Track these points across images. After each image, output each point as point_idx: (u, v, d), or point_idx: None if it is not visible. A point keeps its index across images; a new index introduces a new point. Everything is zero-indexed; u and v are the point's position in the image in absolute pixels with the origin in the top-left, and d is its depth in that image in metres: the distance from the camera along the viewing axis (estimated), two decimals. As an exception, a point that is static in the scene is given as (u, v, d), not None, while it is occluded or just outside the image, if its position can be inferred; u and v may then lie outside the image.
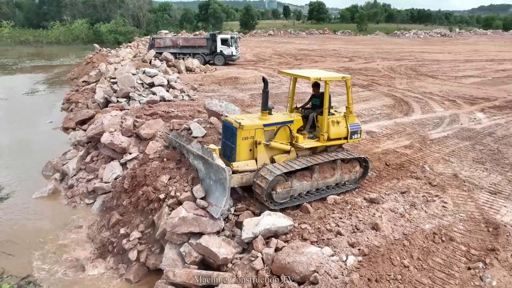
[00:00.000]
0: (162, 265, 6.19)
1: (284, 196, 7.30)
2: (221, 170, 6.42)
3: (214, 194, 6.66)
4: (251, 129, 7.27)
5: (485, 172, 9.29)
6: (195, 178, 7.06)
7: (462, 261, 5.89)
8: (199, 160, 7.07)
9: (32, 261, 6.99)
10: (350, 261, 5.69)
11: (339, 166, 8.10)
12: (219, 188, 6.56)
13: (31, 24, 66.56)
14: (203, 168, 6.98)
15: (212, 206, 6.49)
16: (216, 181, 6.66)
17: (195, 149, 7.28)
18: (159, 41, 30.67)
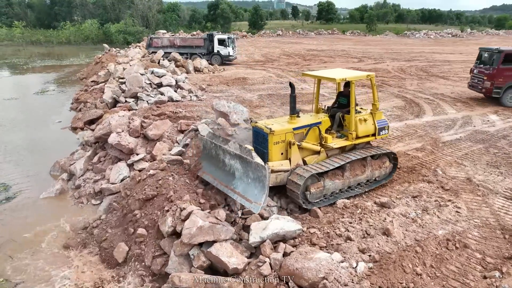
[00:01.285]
0: (168, 269, 6.09)
1: (318, 195, 7.58)
2: (260, 168, 6.57)
3: (252, 192, 6.77)
4: (281, 134, 7.54)
5: (500, 176, 9.02)
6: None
7: (477, 269, 5.68)
8: (237, 160, 7.17)
9: (31, 264, 6.93)
10: (360, 267, 5.52)
11: (369, 163, 8.29)
12: (258, 185, 6.70)
13: (42, 24, 67.37)
14: (241, 167, 7.10)
15: (252, 203, 6.62)
16: (254, 179, 6.79)
17: (232, 148, 7.35)
18: (157, 40, 30.76)
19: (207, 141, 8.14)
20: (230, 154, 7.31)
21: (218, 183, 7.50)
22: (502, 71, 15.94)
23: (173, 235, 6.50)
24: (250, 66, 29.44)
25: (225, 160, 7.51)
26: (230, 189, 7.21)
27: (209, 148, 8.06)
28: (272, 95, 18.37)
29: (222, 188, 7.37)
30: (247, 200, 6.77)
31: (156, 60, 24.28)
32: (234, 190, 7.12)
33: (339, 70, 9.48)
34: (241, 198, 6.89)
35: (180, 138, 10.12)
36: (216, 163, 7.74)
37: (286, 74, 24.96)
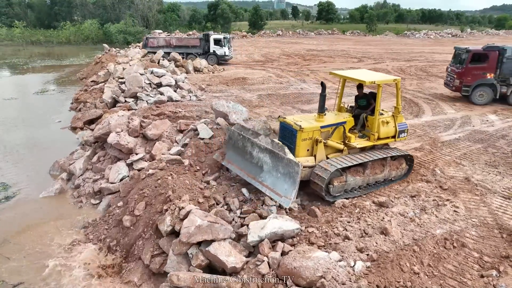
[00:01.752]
0: (166, 268, 6.11)
1: (340, 189, 7.92)
2: (293, 165, 6.88)
3: (282, 186, 7.06)
4: (310, 131, 7.87)
5: (499, 175, 9.04)
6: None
7: (474, 268, 5.70)
8: (266, 154, 7.44)
9: (29, 265, 6.94)
10: (358, 266, 5.54)
11: (388, 163, 8.65)
12: (288, 180, 6.97)
13: (42, 24, 67.29)
14: (270, 161, 7.37)
15: (281, 197, 6.92)
16: (284, 174, 7.06)
17: (263, 142, 7.62)
18: (153, 40, 30.75)
19: (234, 132, 8.33)
20: (260, 147, 7.56)
21: (244, 174, 7.83)
22: (470, 70, 16.59)
23: (172, 234, 6.53)
24: (250, 66, 29.45)
25: (253, 152, 7.76)
26: (258, 181, 7.52)
27: (235, 139, 8.28)
28: (271, 95, 18.38)
29: (249, 179, 7.70)
30: (276, 193, 7.09)
31: (156, 60, 24.29)
32: (262, 183, 7.43)
33: (367, 72, 9.76)
34: (270, 192, 7.20)
35: (179, 138, 10.14)
36: (243, 154, 8.01)
37: (285, 74, 24.97)
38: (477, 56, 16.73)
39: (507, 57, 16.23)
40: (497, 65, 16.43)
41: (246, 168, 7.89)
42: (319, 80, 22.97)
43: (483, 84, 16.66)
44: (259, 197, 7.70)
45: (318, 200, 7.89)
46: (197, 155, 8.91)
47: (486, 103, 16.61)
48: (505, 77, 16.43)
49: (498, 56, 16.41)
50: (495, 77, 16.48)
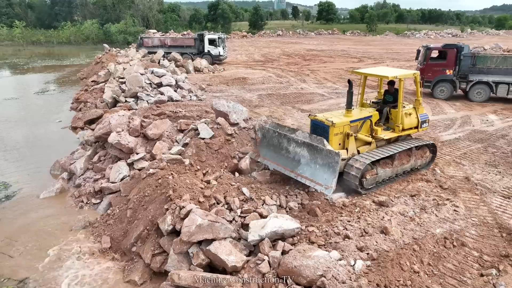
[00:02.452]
0: (167, 267, 6.13)
1: (372, 182, 8.28)
2: (333, 155, 7.38)
3: (321, 176, 7.57)
4: (341, 126, 8.38)
5: (498, 175, 9.06)
6: None
7: (474, 267, 5.73)
8: (304, 147, 7.96)
9: (32, 262, 6.97)
10: (358, 265, 5.56)
11: (414, 153, 9.10)
12: (328, 170, 7.49)
13: (42, 24, 67.38)
14: (308, 154, 7.89)
15: (323, 186, 7.42)
16: (324, 164, 7.57)
17: (301, 137, 8.16)
18: (147, 40, 30.76)
19: (269, 130, 8.85)
20: (297, 142, 8.10)
21: (282, 168, 8.36)
22: (430, 67, 17.68)
23: (172, 233, 6.54)
24: (250, 66, 29.48)
25: (289, 147, 8.30)
26: (296, 173, 8.03)
27: (270, 137, 8.82)
28: (271, 94, 18.40)
29: (287, 172, 8.23)
30: (316, 183, 7.59)
31: (156, 60, 24.32)
32: (301, 175, 7.93)
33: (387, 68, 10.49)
34: (310, 182, 7.72)
35: (180, 138, 10.16)
36: (278, 150, 8.56)
37: (286, 74, 24.99)
38: (438, 53, 17.98)
39: (464, 55, 17.15)
40: (455, 62, 17.30)
41: (283, 162, 8.39)
42: (319, 80, 23.01)
43: (443, 80, 17.62)
44: (260, 197, 7.72)
45: (318, 199, 7.91)
46: (197, 155, 8.93)
47: (447, 98, 17.55)
48: (464, 74, 17.26)
49: (456, 54, 17.29)
50: (454, 73, 17.37)
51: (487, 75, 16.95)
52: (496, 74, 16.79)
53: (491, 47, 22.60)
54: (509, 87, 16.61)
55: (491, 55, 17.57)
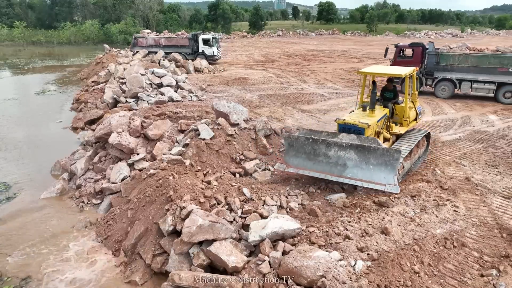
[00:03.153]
0: (168, 267, 6.14)
1: (401, 176, 8.58)
2: (392, 152, 7.47)
3: (379, 176, 7.60)
4: (373, 126, 8.82)
5: (499, 176, 9.06)
6: None
7: (474, 267, 5.73)
8: (350, 150, 7.80)
9: (33, 262, 6.99)
10: (358, 266, 5.56)
11: (421, 143, 9.74)
12: (385, 169, 7.55)
13: (43, 24, 67.43)
14: (356, 156, 7.76)
15: (386, 186, 7.55)
16: (379, 164, 7.59)
17: (346, 140, 8.08)
18: (142, 40, 30.75)
19: (299, 138, 8.41)
20: (341, 146, 7.87)
21: (326, 174, 8.02)
22: (398, 64, 18.24)
23: (173, 234, 6.56)
24: (250, 66, 29.49)
25: (329, 153, 8.04)
26: (346, 177, 7.85)
27: (300, 145, 8.37)
28: (272, 95, 18.41)
29: (334, 178, 7.95)
30: (376, 184, 7.61)
31: (157, 60, 24.35)
32: (353, 178, 7.78)
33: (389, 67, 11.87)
34: (368, 183, 7.65)
35: (180, 138, 10.17)
36: (314, 157, 8.22)
37: (286, 74, 25.00)
38: (403, 51, 19.33)
39: (428, 53, 18.30)
40: (421, 60, 18.39)
41: (324, 168, 8.11)
42: (319, 80, 23.02)
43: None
44: (260, 197, 7.73)
45: (319, 199, 7.92)
46: (198, 155, 8.94)
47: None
48: (430, 71, 18.39)
49: (422, 52, 18.43)
50: (421, 70, 18.31)
51: (450, 73, 17.86)
52: (459, 72, 17.67)
53: (458, 46, 23.34)
54: (471, 84, 17.43)
55: (453, 54, 18.37)
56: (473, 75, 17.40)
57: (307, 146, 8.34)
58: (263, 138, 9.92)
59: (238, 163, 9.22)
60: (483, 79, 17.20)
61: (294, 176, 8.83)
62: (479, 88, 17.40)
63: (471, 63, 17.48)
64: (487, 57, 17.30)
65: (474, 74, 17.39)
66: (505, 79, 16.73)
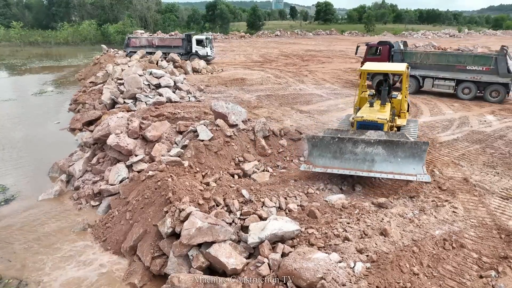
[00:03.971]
0: (167, 269, 6.13)
1: None
2: (420, 144, 8.04)
3: (408, 168, 8.07)
4: (389, 120, 9.54)
5: (497, 176, 9.09)
6: None
7: (473, 269, 5.74)
8: (378, 146, 8.25)
9: (32, 264, 6.96)
10: (358, 267, 5.57)
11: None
12: (413, 160, 8.07)
13: (40, 25, 67.09)
14: (384, 151, 8.24)
15: (416, 176, 7.93)
16: (407, 156, 8.11)
17: (375, 136, 8.60)
18: (135, 40, 30.66)
19: (324, 138, 8.69)
20: (369, 142, 8.30)
21: (355, 171, 8.35)
22: (368, 61, 18.71)
23: (172, 236, 6.54)
24: (249, 66, 29.46)
25: (356, 150, 8.41)
26: (377, 172, 8.23)
27: (325, 145, 8.67)
28: (270, 95, 18.40)
29: (365, 174, 8.29)
30: (407, 175, 8.03)
31: (155, 61, 24.29)
32: (383, 172, 8.19)
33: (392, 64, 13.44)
34: (399, 175, 8.06)
35: (179, 139, 10.16)
36: (340, 156, 8.55)
37: (284, 75, 24.99)
38: (374, 49, 20.40)
39: (394, 51, 19.44)
40: (388, 57, 19.40)
41: (352, 165, 8.43)
42: (317, 80, 23.03)
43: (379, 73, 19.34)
44: (259, 198, 7.73)
45: (318, 201, 7.92)
46: (196, 157, 8.93)
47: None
48: None
49: (389, 50, 19.64)
50: None
51: (414, 70, 18.47)
52: (422, 69, 18.63)
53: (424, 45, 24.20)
54: (433, 80, 18.44)
55: (416, 52, 19.54)
56: (435, 72, 18.40)
57: (332, 145, 8.61)
58: (261, 139, 9.91)
59: (237, 165, 9.22)
60: (443, 76, 18.17)
61: (293, 177, 8.84)
62: (440, 84, 18.43)
63: (432, 61, 18.50)
64: (446, 56, 18.34)
65: (435, 71, 18.39)
66: (462, 76, 17.66)
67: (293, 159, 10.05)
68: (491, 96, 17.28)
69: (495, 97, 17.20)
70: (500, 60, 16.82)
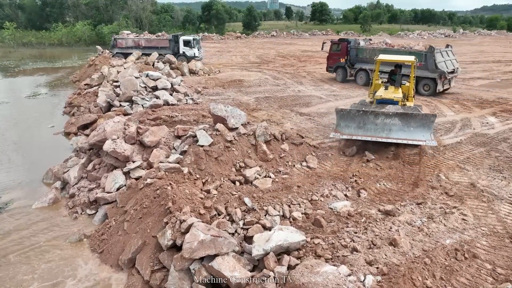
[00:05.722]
0: (168, 284, 5.84)
1: None
2: (429, 116, 10.12)
3: (419, 135, 10.05)
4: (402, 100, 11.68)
5: (504, 181, 8.89)
6: None
7: (488, 281, 5.51)
8: (395, 118, 10.23)
9: (26, 276, 6.64)
10: (368, 281, 5.32)
11: None
12: (423, 129, 10.06)
13: (33, 25, 66.24)
14: (400, 122, 10.20)
15: (425, 141, 9.97)
16: (418, 126, 10.08)
17: (393, 109, 10.60)
18: (121, 41, 30.26)
19: (350, 111, 10.77)
20: (388, 114, 10.28)
21: (374, 137, 10.36)
22: (332, 55, 23.06)
23: (172, 248, 6.25)
24: (246, 67, 29.18)
25: (376, 121, 10.39)
26: (392, 138, 10.25)
27: (351, 117, 10.65)
28: (269, 97, 18.14)
29: (382, 139, 10.32)
30: (418, 140, 10.05)
31: (151, 63, 23.92)
32: (398, 138, 10.19)
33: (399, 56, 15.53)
34: (411, 141, 10.10)
35: (177, 144, 9.85)
36: (363, 126, 10.54)
37: (282, 76, 24.75)
38: (336, 46, 22.80)
39: (350, 47, 22.12)
40: (346, 53, 22.12)
41: (373, 133, 10.42)
42: (316, 81, 22.81)
43: (339, 66, 22.57)
44: (262, 207, 7.46)
45: (323, 208, 7.67)
46: (196, 163, 8.63)
47: (342, 81, 22.39)
48: (352, 62, 22.13)
49: (347, 46, 22.11)
50: (345, 61, 22.25)
51: (365, 64, 21.27)
52: (371, 64, 19.97)
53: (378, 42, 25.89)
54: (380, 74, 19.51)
55: (365, 48, 22.11)
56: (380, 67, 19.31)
57: (357, 117, 10.56)
58: (263, 144, 9.64)
59: (238, 170, 8.94)
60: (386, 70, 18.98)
61: (296, 184, 8.57)
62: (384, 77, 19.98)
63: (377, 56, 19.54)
64: (388, 52, 20.06)
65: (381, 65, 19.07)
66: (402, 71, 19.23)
67: (295, 164, 9.80)
68: (424, 89, 19.02)
69: (427, 90, 18.95)
70: (429, 57, 18.69)
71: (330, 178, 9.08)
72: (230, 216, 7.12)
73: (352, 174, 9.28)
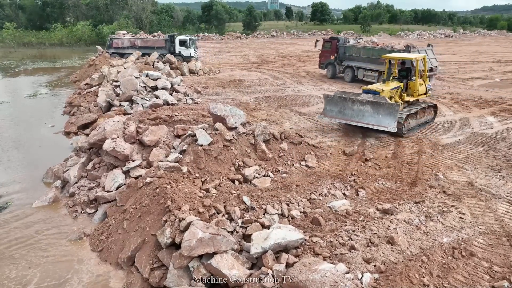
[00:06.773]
0: (167, 282, 5.88)
1: (406, 128, 12.18)
2: (394, 105, 11.20)
3: (385, 121, 11.15)
4: (387, 92, 12.21)
5: (502, 180, 8.93)
6: None
7: (485, 279, 5.55)
8: (367, 105, 11.45)
9: (26, 275, 6.68)
10: (366, 279, 5.36)
11: (426, 110, 13.28)
12: (389, 117, 11.12)
13: (34, 26, 66.28)
14: (371, 109, 11.40)
15: (388, 127, 11.09)
16: (385, 114, 11.16)
17: (365, 98, 11.66)
18: (117, 41, 30.27)
19: (333, 97, 12.41)
20: (362, 101, 11.55)
21: (349, 120, 11.89)
22: (323, 53, 24.36)
23: (171, 246, 6.30)
24: (246, 67, 29.23)
25: (353, 106, 11.75)
26: (363, 123, 11.55)
27: (335, 102, 12.30)
28: (268, 97, 18.18)
29: (354, 123, 11.80)
30: (382, 126, 11.16)
31: (151, 62, 23.96)
32: (368, 123, 11.44)
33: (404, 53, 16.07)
34: (377, 126, 11.26)
35: (177, 144, 9.90)
36: (343, 110, 12.02)
37: (282, 76, 24.79)
38: (327, 43, 24.06)
39: (339, 45, 23.27)
40: (336, 50, 23.32)
41: (350, 117, 11.81)
42: (315, 82, 22.85)
43: (330, 63, 23.91)
44: (261, 205, 7.50)
45: (321, 207, 7.71)
46: (195, 162, 8.67)
47: (332, 77, 23.66)
48: (341, 59, 23.30)
49: (336, 44, 23.33)
50: (335, 59, 23.47)
51: (352, 61, 22.52)
52: (357, 61, 22.14)
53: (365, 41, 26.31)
54: (364, 71, 21.63)
55: (351, 46, 22.99)
56: (365, 64, 21.59)
57: (339, 102, 12.14)
58: (262, 143, 9.68)
59: (237, 170, 8.98)
60: (370, 68, 21.19)
61: (295, 182, 8.61)
62: (368, 75, 21.43)
63: (362, 54, 21.84)
64: (371, 50, 21.34)
65: (365, 63, 21.54)
66: (382, 68, 19.19)
67: (294, 163, 9.84)
68: None
69: None
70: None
71: (329, 177, 9.12)
72: (229, 215, 7.16)
73: (351, 173, 9.32)
